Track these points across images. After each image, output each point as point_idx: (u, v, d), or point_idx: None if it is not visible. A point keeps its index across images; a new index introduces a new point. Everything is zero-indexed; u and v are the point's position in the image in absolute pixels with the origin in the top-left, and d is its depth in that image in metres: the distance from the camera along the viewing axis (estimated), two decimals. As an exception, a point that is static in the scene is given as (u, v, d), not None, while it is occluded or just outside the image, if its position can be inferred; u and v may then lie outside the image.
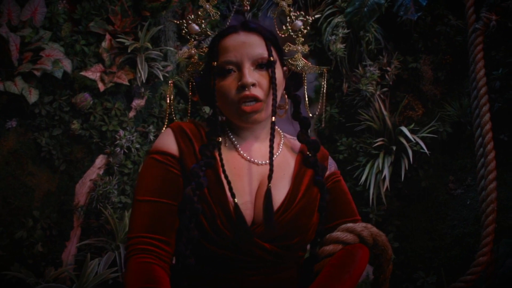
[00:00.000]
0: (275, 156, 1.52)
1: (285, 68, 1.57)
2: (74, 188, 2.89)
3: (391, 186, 3.12)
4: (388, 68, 3.24)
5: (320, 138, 3.51)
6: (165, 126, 1.54)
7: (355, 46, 3.34)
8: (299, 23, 1.56)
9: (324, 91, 1.61)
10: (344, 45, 3.26)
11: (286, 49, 1.58)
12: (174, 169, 1.43)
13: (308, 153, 1.56)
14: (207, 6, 1.56)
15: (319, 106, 1.62)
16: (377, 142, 3.13)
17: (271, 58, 1.46)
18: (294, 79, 1.61)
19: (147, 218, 1.37)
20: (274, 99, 1.45)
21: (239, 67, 1.45)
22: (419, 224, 3.12)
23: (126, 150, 2.95)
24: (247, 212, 1.43)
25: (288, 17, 1.56)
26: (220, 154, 1.43)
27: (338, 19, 3.29)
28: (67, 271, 2.53)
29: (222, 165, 1.41)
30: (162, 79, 3.07)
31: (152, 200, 1.39)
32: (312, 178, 1.53)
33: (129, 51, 2.91)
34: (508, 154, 2.77)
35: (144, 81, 2.98)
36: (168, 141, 1.47)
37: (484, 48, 2.84)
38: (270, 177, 1.40)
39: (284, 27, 1.57)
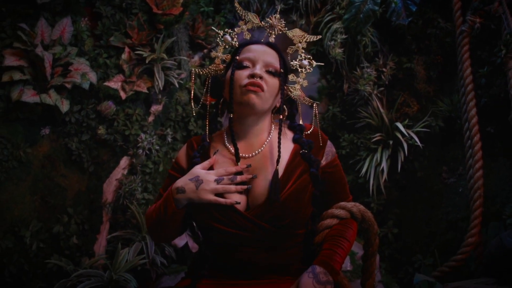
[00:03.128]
0: (267, 141, 1.85)
1: (284, 91, 1.86)
2: (102, 187, 3.15)
3: (389, 178, 3.34)
4: (384, 69, 3.47)
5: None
6: (193, 108, 1.95)
7: (353, 49, 3.57)
8: (305, 62, 1.91)
9: (317, 120, 1.92)
10: (342, 49, 3.49)
11: (290, 78, 1.91)
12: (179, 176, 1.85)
13: (304, 150, 1.84)
14: (244, 27, 1.93)
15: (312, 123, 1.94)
16: (375, 137, 3.37)
17: (282, 70, 1.81)
18: (290, 101, 1.94)
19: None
20: (282, 98, 1.82)
21: (254, 64, 1.79)
22: (416, 211, 3.35)
23: (147, 152, 3.20)
24: (242, 199, 1.75)
25: (299, 55, 1.92)
26: (235, 142, 1.79)
27: (336, 25, 3.52)
28: (103, 258, 2.82)
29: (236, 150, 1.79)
30: (177, 85, 3.30)
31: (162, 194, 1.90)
32: (306, 169, 1.80)
33: (146, 61, 3.15)
34: (495, 145, 2.99)
35: (161, 88, 3.21)
36: (182, 156, 1.95)
37: (470, 48, 3.08)
38: (278, 161, 1.74)
39: (293, 62, 1.91)
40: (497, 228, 2.81)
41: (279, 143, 1.76)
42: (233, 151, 1.82)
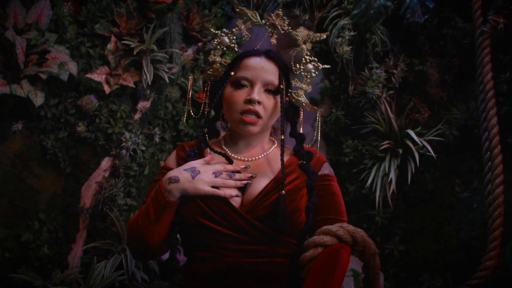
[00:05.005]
0: (266, 153, 1.81)
1: (287, 98, 1.82)
2: (80, 190, 2.89)
3: (397, 189, 3.10)
4: (394, 71, 3.24)
5: (326, 140, 3.50)
6: (185, 116, 2.01)
7: (361, 48, 3.32)
8: (310, 66, 1.79)
9: (319, 127, 1.89)
10: (350, 47, 3.25)
11: (293, 84, 1.83)
12: None
13: (302, 161, 1.77)
14: (242, 27, 1.83)
15: (314, 138, 1.88)
16: (383, 145, 3.13)
17: (281, 86, 1.74)
18: (292, 107, 1.85)
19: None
20: (283, 120, 1.75)
21: (252, 85, 1.73)
22: (425, 227, 3.12)
23: (131, 153, 2.94)
24: (239, 193, 1.68)
25: (303, 59, 1.80)
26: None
27: (344, 21, 3.28)
28: (74, 274, 2.53)
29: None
30: (167, 81, 3.06)
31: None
32: (302, 177, 1.73)
33: (134, 53, 2.91)
34: (516, 158, 2.75)
35: (149, 83, 2.97)
36: (171, 160, 1.86)
37: (492, 51, 2.85)
38: (283, 184, 1.64)
39: (297, 66, 1.80)
40: (517, 250, 2.59)
41: (283, 164, 1.70)
42: (229, 154, 1.80)
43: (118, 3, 2.99)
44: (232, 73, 1.75)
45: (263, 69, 1.74)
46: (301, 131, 1.86)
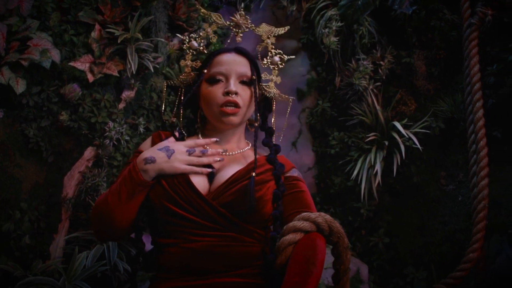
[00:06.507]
0: (240, 151, 1.91)
1: (260, 91, 1.95)
2: (63, 180, 2.82)
3: (383, 181, 3.08)
4: (381, 63, 3.21)
5: (312, 132, 3.47)
6: (164, 117, 2.14)
7: (348, 39, 3.30)
8: (277, 58, 1.97)
9: (287, 115, 2.07)
10: (337, 38, 3.21)
11: (263, 77, 1.97)
12: None
13: (271, 154, 1.89)
14: (209, 29, 1.97)
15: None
16: (369, 137, 3.10)
17: (253, 77, 1.87)
18: (265, 100, 2.02)
19: None
20: (256, 110, 1.92)
21: (227, 78, 1.84)
22: (410, 219, 3.10)
23: (115, 142, 2.88)
24: (203, 184, 1.76)
25: (269, 52, 1.98)
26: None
27: (331, 12, 3.25)
28: (55, 264, 2.48)
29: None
30: (152, 70, 3.00)
31: None
32: (270, 169, 1.82)
33: (119, 41, 2.84)
34: (501, 151, 2.74)
35: (134, 72, 2.90)
36: (146, 145, 1.94)
37: (479, 43, 2.82)
38: (254, 168, 1.76)
39: (264, 60, 1.98)
40: (500, 242, 2.59)
41: (255, 151, 1.84)
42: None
43: (103, -10, 2.91)
44: (206, 71, 1.86)
45: (235, 62, 1.86)
46: (272, 124, 2.02)
